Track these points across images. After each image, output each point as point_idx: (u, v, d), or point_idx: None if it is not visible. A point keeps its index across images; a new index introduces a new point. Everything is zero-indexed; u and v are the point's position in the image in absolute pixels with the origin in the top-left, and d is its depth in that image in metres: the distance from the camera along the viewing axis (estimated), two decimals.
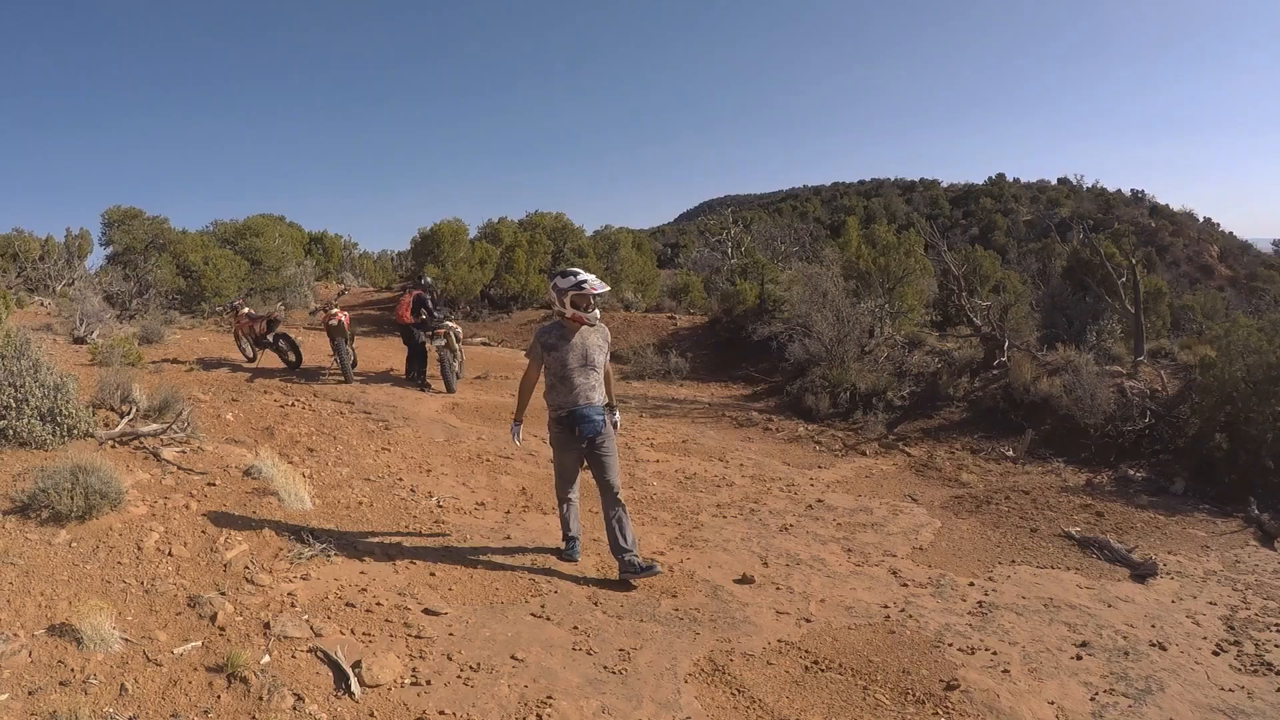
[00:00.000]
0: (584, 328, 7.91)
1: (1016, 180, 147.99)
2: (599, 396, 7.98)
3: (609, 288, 8.47)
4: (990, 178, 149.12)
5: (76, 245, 31.64)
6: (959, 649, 6.86)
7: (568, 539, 8.50)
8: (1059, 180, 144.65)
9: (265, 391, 14.75)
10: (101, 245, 29.25)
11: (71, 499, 7.39)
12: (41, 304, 25.13)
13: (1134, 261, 17.48)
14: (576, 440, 7.93)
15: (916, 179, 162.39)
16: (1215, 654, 7.00)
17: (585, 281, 7.72)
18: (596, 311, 7.92)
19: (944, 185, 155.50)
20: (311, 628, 6.32)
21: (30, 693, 5.12)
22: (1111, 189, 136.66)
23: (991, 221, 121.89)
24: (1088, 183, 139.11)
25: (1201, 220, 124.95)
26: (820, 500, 10.93)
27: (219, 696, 5.31)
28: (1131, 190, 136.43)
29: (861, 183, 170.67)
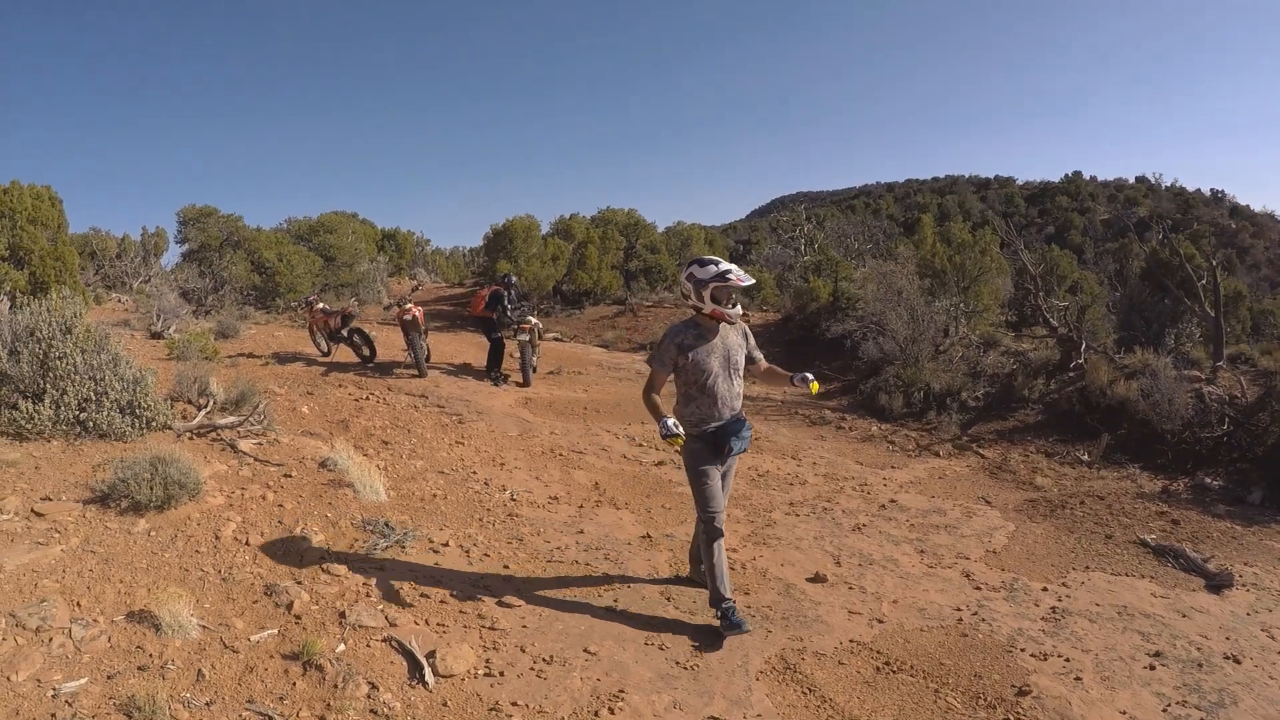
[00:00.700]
0: (723, 325, 6.84)
1: (1093, 178, 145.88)
2: (740, 405, 6.91)
3: (754, 280, 7.18)
4: (1066, 175, 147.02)
5: (153, 243, 32.06)
6: (1031, 654, 6.78)
7: (726, 606, 6.72)
8: (1137, 179, 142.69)
9: (340, 385, 14.91)
10: (177, 243, 29.56)
11: (150, 489, 7.52)
12: (119, 300, 25.50)
13: (1214, 263, 17.19)
14: (724, 456, 6.73)
15: (991, 176, 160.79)
16: None
17: (730, 272, 6.59)
18: (739, 307, 6.84)
19: (1019, 183, 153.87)
20: (386, 617, 6.39)
21: (109, 677, 5.21)
22: (1190, 189, 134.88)
23: (1068, 220, 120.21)
24: (1166, 182, 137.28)
25: None
26: (893, 500, 10.85)
27: (294, 683, 5.38)
28: (1211, 190, 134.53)
29: (935, 180, 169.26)
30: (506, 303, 16.95)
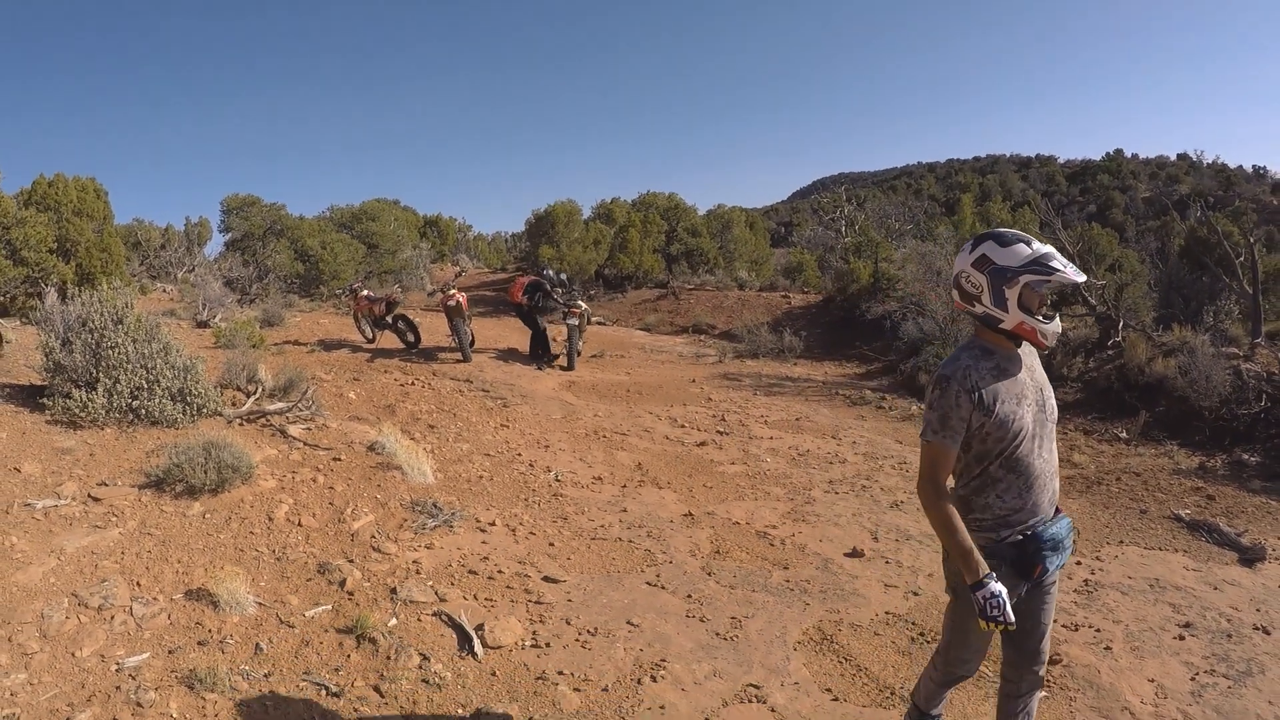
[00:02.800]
0: (1025, 349, 4.13)
1: (1135, 156, 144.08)
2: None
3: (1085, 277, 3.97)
4: (1108, 154, 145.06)
5: (196, 233, 32.50)
6: (1063, 625, 6.87)
7: None
8: (1178, 156, 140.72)
9: (385, 371, 15.08)
10: (221, 232, 29.93)
11: (205, 473, 7.71)
12: (164, 290, 25.77)
13: (1252, 240, 17.17)
14: (1032, 580, 4.05)
15: (1033, 155, 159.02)
16: None
17: (1052, 258, 3.85)
18: (1057, 321, 3.99)
19: (1061, 161, 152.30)
20: (436, 593, 6.59)
21: (170, 651, 5.40)
22: (1233, 165, 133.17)
23: (1109, 199, 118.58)
24: (1208, 159, 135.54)
25: None
26: None
27: (349, 656, 5.57)
28: (1254, 167, 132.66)
29: (977, 159, 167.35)
30: (548, 289, 17.17)
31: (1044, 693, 5.80)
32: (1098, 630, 6.78)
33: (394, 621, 6.07)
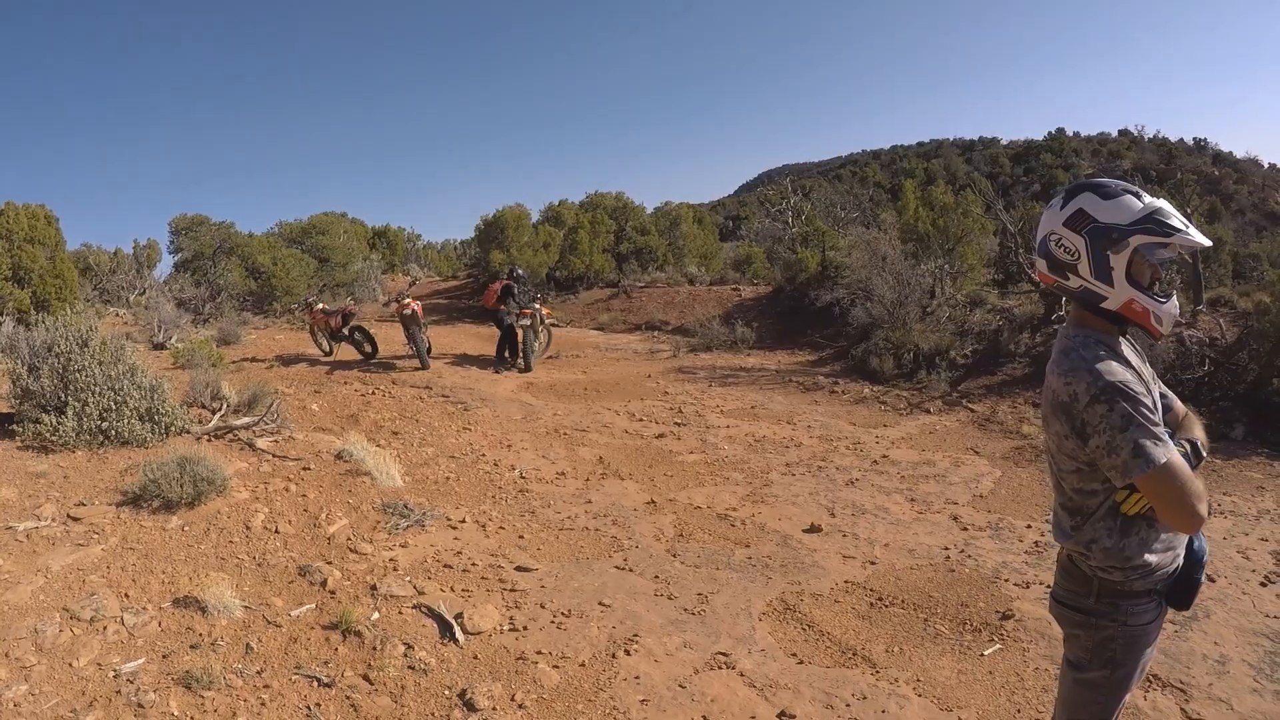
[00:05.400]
0: (1128, 340, 3.34)
1: (1077, 134, 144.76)
2: None
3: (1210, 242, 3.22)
4: (1050, 133, 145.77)
5: (145, 255, 32.23)
6: (1014, 584, 7.20)
7: None
8: (1120, 132, 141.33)
9: (346, 382, 15.31)
10: (170, 253, 29.84)
11: (181, 487, 7.89)
12: (117, 314, 25.67)
13: (1189, 211, 17.47)
14: (1188, 608, 3.40)
15: (975, 138, 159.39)
16: (1263, 585, 7.23)
17: (1171, 216, 3.03)
18: (1174, 300, 3.24)
19: (1004, 143, 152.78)
20: (414, 587, 6.83)
21: (164, 656, 5.61)
22: (1174, 138, 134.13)
23: (1053, 177, 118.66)
24: (1149, 133, 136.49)
25: (1266, 166, 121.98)
26: (885, 456, 11.23)
27: (336, 649, 5.82)
28: (1194, 139, 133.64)
29: (920, 144, 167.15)
30: (516, 294, 17.48)
31: (998, 645, 6.14)
32: (1048, 586, 7.04)
33: (376, 615, 6.31)
